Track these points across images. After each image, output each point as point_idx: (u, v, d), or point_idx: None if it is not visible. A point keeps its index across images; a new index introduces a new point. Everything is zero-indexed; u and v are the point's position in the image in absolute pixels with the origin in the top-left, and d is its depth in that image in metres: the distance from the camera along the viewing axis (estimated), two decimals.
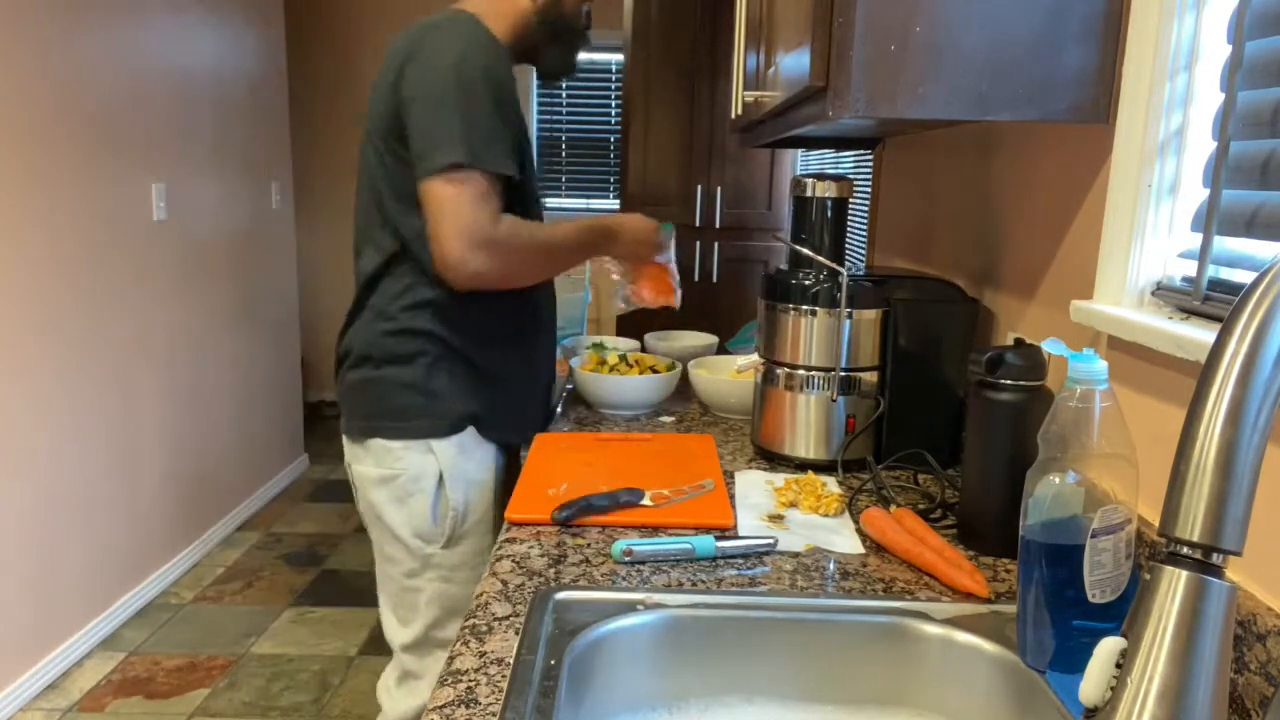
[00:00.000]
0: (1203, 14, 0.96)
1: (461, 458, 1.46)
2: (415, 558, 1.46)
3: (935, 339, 1.41)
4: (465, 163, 1.33)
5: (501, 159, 1.37)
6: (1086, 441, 0.79)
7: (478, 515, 1.49)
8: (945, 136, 1.72)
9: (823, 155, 3.52)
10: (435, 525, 1.45)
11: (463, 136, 1.33)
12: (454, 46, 1.37)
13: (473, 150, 1.33)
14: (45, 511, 2.62)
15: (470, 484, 1.47)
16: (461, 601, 1.45)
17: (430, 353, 1.45)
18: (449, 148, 1.33)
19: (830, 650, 0.95)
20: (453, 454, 1.45)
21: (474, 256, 1.35)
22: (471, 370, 1.48)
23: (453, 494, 1.45)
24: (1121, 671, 0.51)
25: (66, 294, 2.67)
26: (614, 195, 4.85)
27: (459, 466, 1.46)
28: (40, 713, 2.51)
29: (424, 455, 1.44)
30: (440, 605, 1.47)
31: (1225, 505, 0.50)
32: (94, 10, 2.80)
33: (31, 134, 2.53)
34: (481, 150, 1.34)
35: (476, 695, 0.80)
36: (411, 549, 1.46)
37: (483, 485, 1.50)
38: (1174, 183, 1.01)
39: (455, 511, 1.45)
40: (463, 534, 1.47)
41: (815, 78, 1.06)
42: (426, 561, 1.46)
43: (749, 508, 1.24)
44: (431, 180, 1.34)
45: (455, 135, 1.33)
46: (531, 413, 1.63)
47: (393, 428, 1.45)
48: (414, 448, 1.44)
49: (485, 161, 1.35)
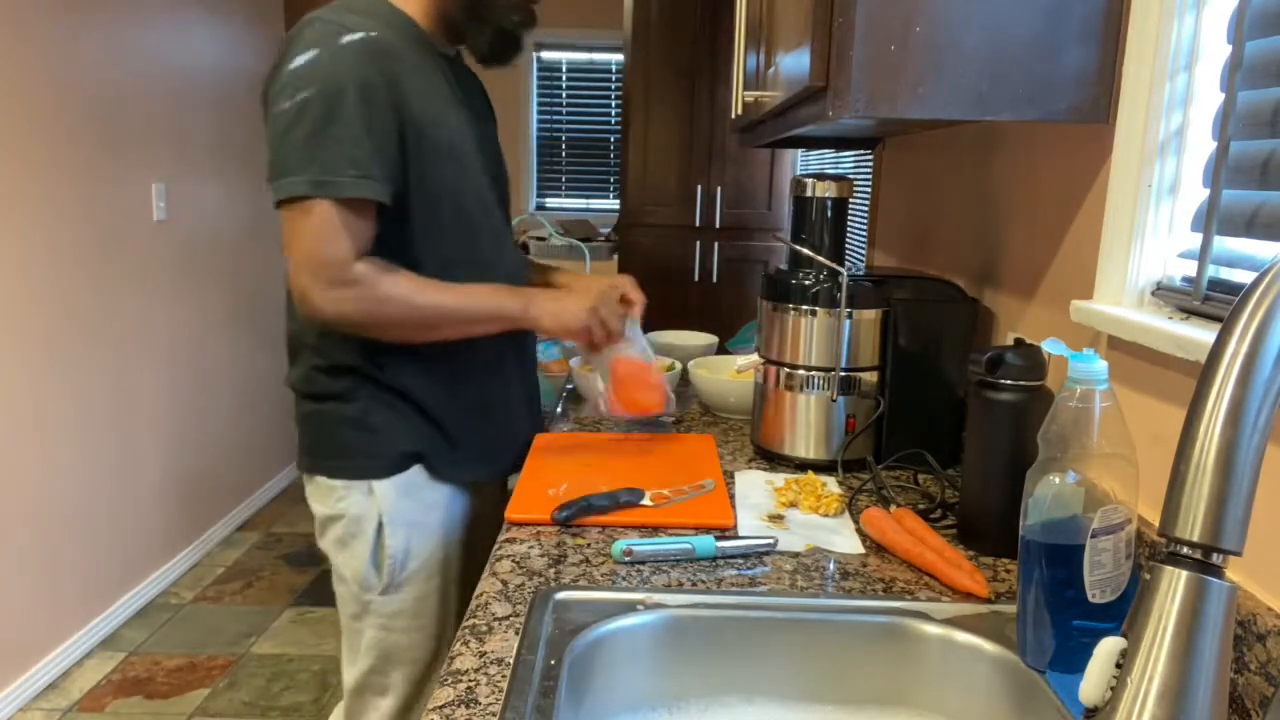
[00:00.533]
0: (1203, 14, 0.96)
1: (404, 500, 1.35)
2: (356, 601, 1.36)
3: (935, 339, 1.41)
4: (307, 194, 1.18)
5: (360, 184, 1.19)
6: (1086, 441, 0.79)
7: (419, 562, 1.36)
8: (945, 136, 1.72)
9: (823, 155, 3.52)
10: (373, 571, 1.34)
11: (305, 162, 1.18)
12: (312, 51, 1.20)
13: (316, 180, 1.18)
14: (45, 511, 2.62)
15: (413, 528, 1.35)
16: (402, 650, 1.36)
17: (365, 388, 1.33)
18: (291, 178, 1.19)
19: (830, 650, 0.95)
20: (394, 496, 1.34)
21: (325, 297, 1.22)
22: (413, 406, 1.35)
23: (391, 539, 1.33)
24: (1121, 671, 0.51)
25: (66, 294, 2.67)
26: (614, 195, 4.85)
27: (400, 510, 1.34)
28: (40, 713, 2.51)
29: (365, 497, 1.33)
30: (378, 653, 1.37)
31: (1225, 505, 0.50)
32: (94, 10, 2.80)
33: (32, 133, 2.53)
34: (330, 177, 1.18)
35: (476, 695, 0.80)
36: (353, 592, 1.36)
37: (427, 529, 1.37)
38: (1174, 183, 1.01)
39: (393, 559, 1.33)
40: (402, 581, 1.35)
41: (815, 78, 1.06)
42: (366, 607, 1.36)
43: (749, 508, 1.24)
44: (280, 210, 1.22)
45: (298, 161, 1.18)
46: (506, 443, 1.48)
47: (333, 466, 1.35)
48: (355, 488, 1.33)
49: (333, 190, 1.18)
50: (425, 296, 1.27)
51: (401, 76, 1.23)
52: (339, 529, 1.34)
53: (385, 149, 1.22)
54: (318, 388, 1.35)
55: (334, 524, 1.35)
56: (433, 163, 1.28)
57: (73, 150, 2.69)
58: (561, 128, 4.95)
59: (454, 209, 1.32)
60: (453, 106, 1.32)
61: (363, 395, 1.33)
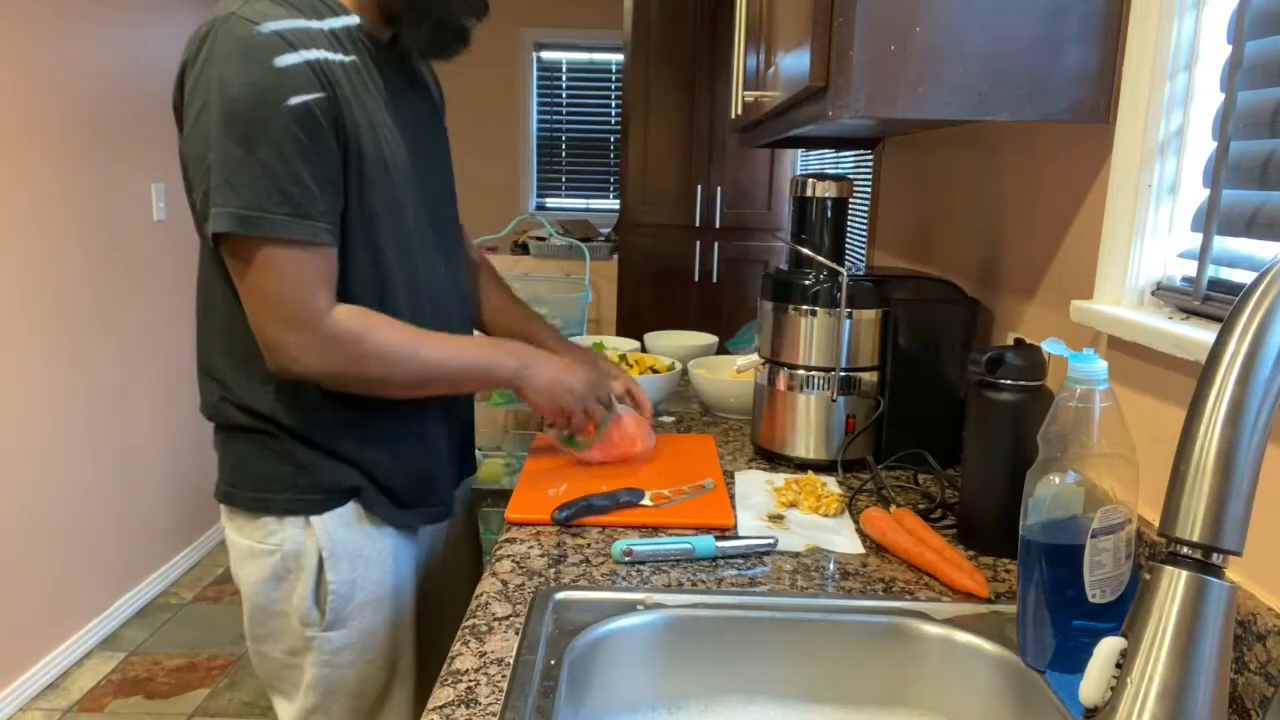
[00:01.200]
0: (1203, 14, 0.96)
1: (346, 531, 1.19)
2: (296, 638, 1.21)
3: (935, 339, 1.41)
4: (276, 237, 1.04)
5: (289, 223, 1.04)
6: (1086, 441, 0.79)
7: (367, 594, 1.21)
8: (945, 136, 1.72)
9: (823, 155, 3.52)
10: (314, 608, 1.20)
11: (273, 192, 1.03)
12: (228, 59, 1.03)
13: (291, 215, 1.04)
14: (45, 511, 2.62)
15: (358, 560, 1.20)
16: (350, 684, 1.23)
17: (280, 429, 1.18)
18: (260, 211, 1.03)
19: (830, 650, 0.95)
20: (334, 527, 1.18)
21: (302, 349, 1.09)
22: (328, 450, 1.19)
23: (334, 574, 1.18)
24: (1121, 671, 0.51)
25: (66, 294, 2.67)
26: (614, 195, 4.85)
27: (342, 542, 1.19)
28: (40, 713, 2.51)
29: (301, 530, 1.18)
30: (322, 690, 1.22)
31: (1225, 505, 0.50)
32: (94, 10, 2.80)
33: (32, 134, 2.53)
34: (306, 214, 1.05)
35: (476, 695, 0.80)
36: (292, 628, 1.21)
37: (374, 560, 1.22)
38: (1174, 183, 1.01)
39: (337, 594, 1.19)
40: (348, 615, 1.21)
41: (815, 78, 1.06)
42: (308, 644, 1.21)
43: (749, 508, 1.24)
44: (227, 242, 1.06)
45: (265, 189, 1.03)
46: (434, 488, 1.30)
47: (257, 499, 1.19)
48: (289, 522, 1.18)
49: (306, 231, 1.05)
50: (416, 352, 1.15)
51: (338, 83, 1.08)
52: (272, 564, 1.19)
53: (334, 177, 1.08)
54: (232, 420, 1.20)
55: (264, 559, 1.20)
56: (370, 182, 1.12)
57: (73, 150, 2.69)
58: (561, 128, 4.95)
59: (392, 232, 1.16)
60: (387, 110, 1.16)
61: (280, 433, 1.18)
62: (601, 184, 5.00)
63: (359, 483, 1.20)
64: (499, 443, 3.34)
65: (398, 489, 1.24)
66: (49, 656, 2.64)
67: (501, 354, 1.25)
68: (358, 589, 1.21)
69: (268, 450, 1.18)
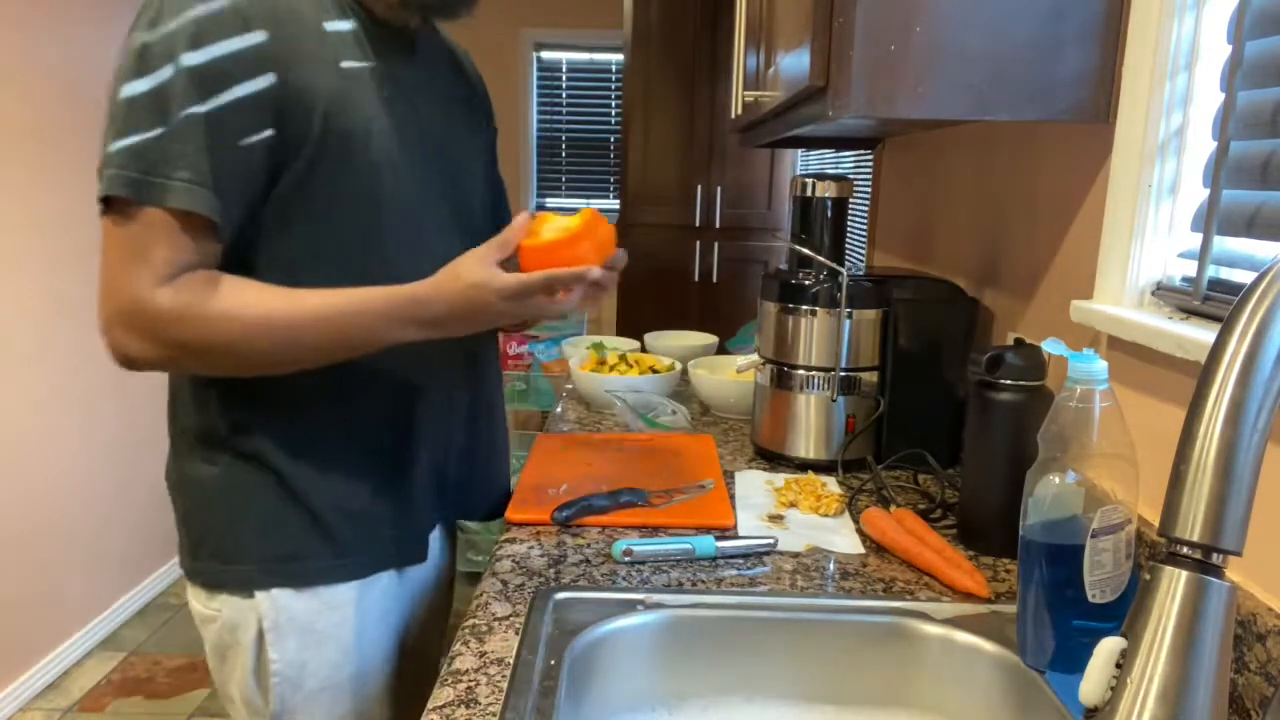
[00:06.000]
0: (1203, 14, 0.96)
1: (292, 599, 1.01)
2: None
3: (935, 339, 1.41)
4: (121, 195, 0.90)
5: (185, 190, 0.88)
6: (1086, 441, 0.79)
7: (320, 680, 1.02)
8: (945, 136, 1.72)
9: (823, 155, 3.52)
10: (257, 692, 1.02)
11: (126, 156, 0.89)
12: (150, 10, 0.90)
13: (132, 180, 0.89)
14: (45, 511, 2.62)
15: (306, 635, 1.01)
16: None
17: (226, 467, 1.01)
18: (105, 173, 0.91)
19: (830, 650, 0.95)
20: (276, 594, 1.00)
21: (120, 337, 0.96)
22: (278, 490, 1.01)
23: (277, 653, 1.00)
24: (1121, 671, 0.51)
25: (67, 293, 2.67)
26: (614, 195, 4.85)
27: (287, 612, 1.00)
28: (40, 713, 2.51)
29: (241, 599, 1.01)
30: None
31: (1225, 505, 0.50)
32: (96, 8, 2.80)
33: (31, 134, 2.53)
34: (149, 176, 0.88)
35: (476, 695, 0.80)
36: (240, 715, 1.06)
37: (328, 635, 1.02)
38: (1174, 183, 1.01)
39: (281, 677, 1.01)
40: (297, 706, 1.02)
41: (815, 78, 1.06)
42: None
43: (749, 508, 1.24)
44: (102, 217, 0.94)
45: (117, 154, 0.90)
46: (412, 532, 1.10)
47: (193, 568, 1.04)
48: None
49: (152, 195, 0.89)
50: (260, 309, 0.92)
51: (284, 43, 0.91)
52: (213, 633, 1.03)
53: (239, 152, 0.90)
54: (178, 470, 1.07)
55: (207, 627, 1.03)
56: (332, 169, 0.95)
57: (73, 150, 2.69)
58: (561, 128, 4.95)
59: (363, 233, 0.99)
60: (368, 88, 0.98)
61: (223, 478, 1.02)
62: (601, 184, 4.99)
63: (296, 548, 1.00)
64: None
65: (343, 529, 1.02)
66: (49, 656, 2.64)
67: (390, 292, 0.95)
68: (308, 674, 1.02)
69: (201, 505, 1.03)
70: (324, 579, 1.02)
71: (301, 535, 1.01)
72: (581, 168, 5.00)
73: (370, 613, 1.06)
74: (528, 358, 3.10)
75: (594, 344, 1.96)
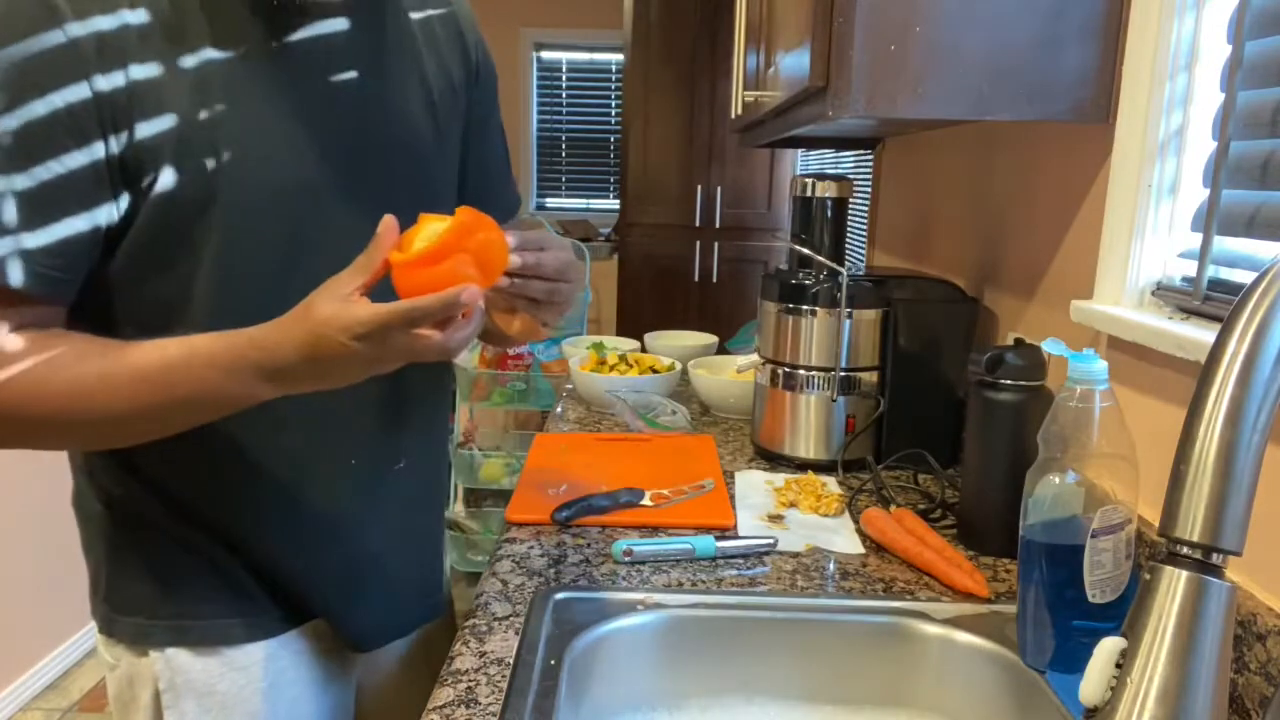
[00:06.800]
0: (1203, 14, 0.96)
1: (196, 659, 0.89)
2: None
3: (935, 339, 1.41)
4: None
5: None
6: (1086, 441, 0.79)
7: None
8: (945, 136, 1.72)
9: (823, 155, 3.52)
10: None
11: None
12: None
13: None
14: (45, 511, 2.62)
15: (206, 699, 0.88)
16: None
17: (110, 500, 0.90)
18: None
19: (830, 650, 0.95)
20: (170, 654, 0.89)
21: None
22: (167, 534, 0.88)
23: (173, 717, 0.89)
24: (1121, 671, 0.51)
25: None
26: (614, 195, 4.85)
27: (186, 671, 0.88)
28: (40, 713, 2.51)
29: (135, 656, 0.90)
30: None
31: (1225, 505, 0.50)
32: None
33: None
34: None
35: (476, 695, 0.80)
36: None
37: (235, 701, 0.89)
38: (1174, 183, 1.01)
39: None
40: None
41: (815, 78, 1.06)
42: None
43: (749, 508, 1.24)
44: None
45: None
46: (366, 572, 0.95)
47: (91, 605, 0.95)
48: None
49: None
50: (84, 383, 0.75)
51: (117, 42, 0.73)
52: (113, 684, 0.93)
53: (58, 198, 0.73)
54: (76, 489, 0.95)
55: (110, 674, 0.94)
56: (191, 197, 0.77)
57: None
58: (561, 128, 4.95)
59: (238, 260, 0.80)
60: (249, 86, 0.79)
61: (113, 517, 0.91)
62: (601, 184, 5.00)
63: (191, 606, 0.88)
64: (499, 443, 3.34)
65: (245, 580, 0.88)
66: (49, 656, 2.64)
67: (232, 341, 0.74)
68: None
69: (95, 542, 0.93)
70: (225, 639, 0.89)
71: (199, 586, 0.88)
72: (581, 168, 5.00)
73: (285, 674, 0.92)
74: (528, 358, 3.10)
75: (594, 344, 1.96)
